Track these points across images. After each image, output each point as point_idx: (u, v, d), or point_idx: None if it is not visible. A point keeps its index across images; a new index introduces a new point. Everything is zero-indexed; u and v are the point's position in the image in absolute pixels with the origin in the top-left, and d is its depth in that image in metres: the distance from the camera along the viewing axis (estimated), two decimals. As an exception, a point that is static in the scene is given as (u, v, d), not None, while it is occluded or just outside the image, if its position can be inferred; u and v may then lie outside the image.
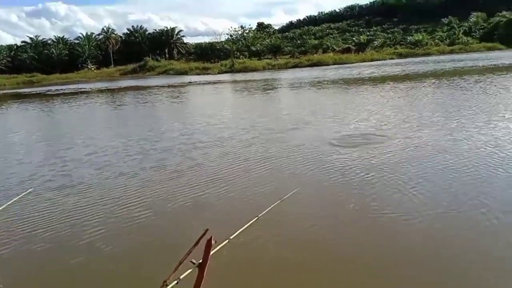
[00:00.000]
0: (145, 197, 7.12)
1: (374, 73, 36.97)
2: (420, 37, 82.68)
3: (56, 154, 11.22)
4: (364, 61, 63.42)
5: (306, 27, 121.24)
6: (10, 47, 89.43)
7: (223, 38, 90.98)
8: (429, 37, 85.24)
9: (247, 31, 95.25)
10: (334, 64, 61.22)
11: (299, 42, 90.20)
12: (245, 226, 2.23)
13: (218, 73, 59.92)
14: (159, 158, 9.88)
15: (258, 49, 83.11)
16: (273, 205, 2.67)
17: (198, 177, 8.08)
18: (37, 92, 43.29)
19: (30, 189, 7.49)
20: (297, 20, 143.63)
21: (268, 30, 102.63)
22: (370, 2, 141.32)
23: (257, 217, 2.37)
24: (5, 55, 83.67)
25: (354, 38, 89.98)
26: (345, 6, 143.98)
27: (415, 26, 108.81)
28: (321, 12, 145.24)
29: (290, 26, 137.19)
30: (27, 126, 18.69)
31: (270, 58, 76.00)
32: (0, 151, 12.36)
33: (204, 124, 14.43)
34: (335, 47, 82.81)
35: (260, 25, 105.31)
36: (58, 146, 12.36)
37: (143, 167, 9.13)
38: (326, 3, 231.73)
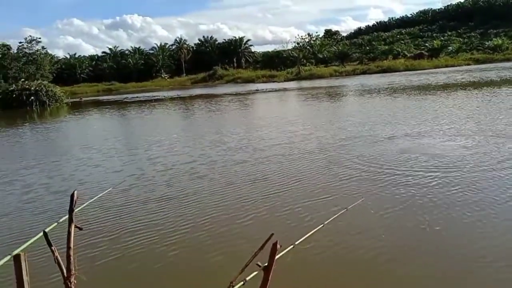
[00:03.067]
0: (214, 201, 7.32)
1: (449, 79, 35.06)
2: (500, 41, 76.75)
3: (136, 156, 11.94)
4: (437, 67, 60.38)
5: (375, 33, 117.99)
6: (92, 58, 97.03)
7: (290, 46, 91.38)
8: (510, 41, 79.00)
9: (314, 38, 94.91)
10: (405, 70, 58.98)
11: (368, 48, 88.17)
12: (310, 233, 2.24)
13: (284, 81, 60.19)
14: (228, 161, 10.11)
15: (325, 56, 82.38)
16: (338, 214, 2.65)
17: (267, 182, 8.18)
18: (115, 99, 46.31)
19: (109, 188, 8.02)
20: (366, 26, 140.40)
21: (335, 36, 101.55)
22: (444, 6, 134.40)
23: (322, 225, 2.37)
24: (87, 65, 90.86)
25: (426, 44, 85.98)
26: (417, 11, 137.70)
27: (494, 30, 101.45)
28: (392, 18, 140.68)
29: (359, 32, 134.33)
30: (107, 130, 20.06)
31: (337, 65, 74.97)
32: (85, 153, 13.34)
33: (270, 131, 14.55)
34: (406, 53, 79.71)
35: (328, 32, 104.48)
36: (137, 149, 13.11)
37: (219, 169, 9.40)
38: (397, 9, 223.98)
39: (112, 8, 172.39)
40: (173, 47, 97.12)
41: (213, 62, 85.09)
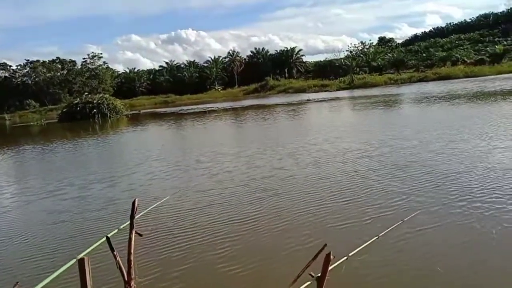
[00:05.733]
0: (268, 210, 7.35)
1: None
2: None
3: (191, 166, 12.27)
4: (500, 73, 56.88)
5: (432, 39, 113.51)
6: (149, 71, 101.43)
7: (342, 55, 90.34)
8: None
9: (367, 46, 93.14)
10: (464, 77, 56.19)
11: (424, 55, 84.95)
12: (364, 245, 2.20)
13: (336, 90, 59.49)
14: (279, 171, 10.13)
15: (379, 64, 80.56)
16: (393, 226, 2.58)
17: (321, 191, 8.10)
18: (171, 111, 47.96)
19: (167, 197, 8.29)
20: (422, 32, 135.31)
21: (390, 44, 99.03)
22: (508, 10, 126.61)
23: (377, 237, 2.32)
24: (145, 79, 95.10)
25: (488, 49, 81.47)
26: (477, 15, 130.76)
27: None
28: (450, 23, 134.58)
29: (415, 39, 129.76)
30: (165, 141, 20.80)
31: (392, 73, 72.95)
32: (145, 163, 13.89)
33: (324, 139, 14.41)
34: (465, 59, 75.92)
35: (382, 40, 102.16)
36: (192, 159, 13.47)
37: (272, 179, 9.44)
38: (456, 13, 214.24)
39: (167, 23, 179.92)
40: (226, 59, 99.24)
41: (265, 73, 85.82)
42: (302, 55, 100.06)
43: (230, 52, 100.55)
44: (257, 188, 8.89)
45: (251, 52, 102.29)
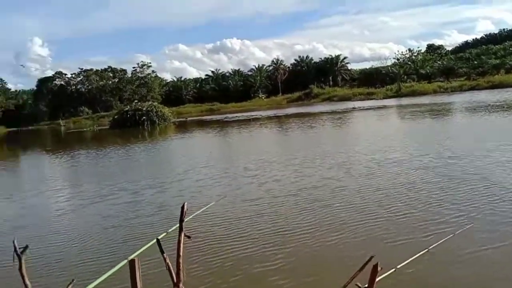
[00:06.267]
0: (314, 219, 7.20)
1: None
2: None
3: (237, 172, 12.31)
4: (561, 80, 53.45)
5: (484, 46, 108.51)
6: (196, 80, 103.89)
7: (389, 62, 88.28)
8: None
9: (415, 54, 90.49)
10: (521, 85, 53.24)
11: (476, 62, 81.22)
12: (414, 257, 2.19)
13: (383, 98, 58.19)
14: (328, 181, 9.91)
15: (428, 71, 78.08)
16: (444, 239, 2.54)
17: (369, 202, 7.89)
18: (217, 119, 48.72)
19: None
20: (473, 39, 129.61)
21: (439, 51, 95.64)
22: None
23: (426, 249, 2.30)
24: (192, 87, 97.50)
25: (546, 56, 76.72)
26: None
27: None
28: (503, 29, 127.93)
29: (465, 46, 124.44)
30: (211, 147, 21.14)
31: (441, 81, 70.38)
32: (202, 168, 14.23)
33: (375, 148, 14.02)
34: (521, 67, 71.86)
35: (430, 47, 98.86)
36: (241, 166, 13.49)
37: (319, 189, 9.28)
38: (509, 19, 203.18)
39: (213, 33, 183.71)
40: (270, 68, 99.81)
41: (309, 81, 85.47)
42: (347, 63, 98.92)
43: (274, 60, 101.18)
44: (307, 198, 8.75)
45: (295, 60, 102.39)
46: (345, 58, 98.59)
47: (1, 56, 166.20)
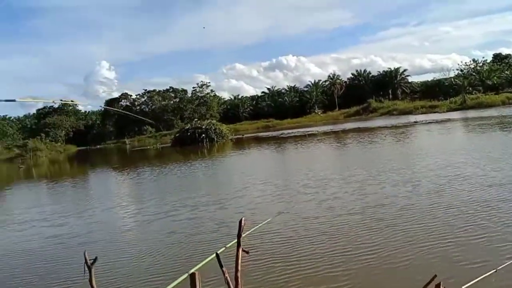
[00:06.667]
0: (373, 237, 6.92)
1: None
2: None
3: (293, 189, 12.20)
4: None
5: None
6: (252, 97, 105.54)
7: (452, 73, 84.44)
8: None
9: (480, 64, 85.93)
10: None
11: (551, 70, 75.73)
12: (480, 278, 2.02)
13: (447, 111, 55.56)
14: (392, 200, 9.51)
15: (495, 82, 73.79)
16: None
17: (437, 221, 7.44)
18: (273, 135, 49.06)
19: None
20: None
21: (507, 60, 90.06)
22: None
23: (494, 270, 2.11)
24: (248, 105, 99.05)
25: None
26: None
27: None
28: None
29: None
30: (268, 164, 21.24)
31: (510, 92, 66.05)
32: (253, 184, 14.28)
33: (443, 164, 13.27)
34: None
35: (497, 56, 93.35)
36: (294, 182, 13.36)
37: (380, 207, 8.98)
38: None
39: (269, 51, 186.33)
40: (326, 83, 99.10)
41: (367, 95, 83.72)
42: (407, 75, 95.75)
43: (330, 75, 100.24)
44: (372, 217, 8.43)
45: (352, 74, 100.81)
46: (405, 70, 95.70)
47: (73, 80, 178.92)
